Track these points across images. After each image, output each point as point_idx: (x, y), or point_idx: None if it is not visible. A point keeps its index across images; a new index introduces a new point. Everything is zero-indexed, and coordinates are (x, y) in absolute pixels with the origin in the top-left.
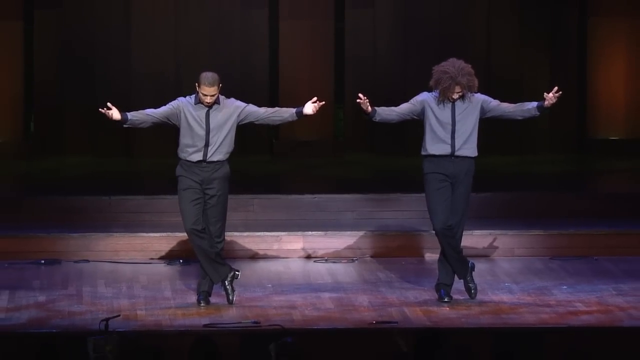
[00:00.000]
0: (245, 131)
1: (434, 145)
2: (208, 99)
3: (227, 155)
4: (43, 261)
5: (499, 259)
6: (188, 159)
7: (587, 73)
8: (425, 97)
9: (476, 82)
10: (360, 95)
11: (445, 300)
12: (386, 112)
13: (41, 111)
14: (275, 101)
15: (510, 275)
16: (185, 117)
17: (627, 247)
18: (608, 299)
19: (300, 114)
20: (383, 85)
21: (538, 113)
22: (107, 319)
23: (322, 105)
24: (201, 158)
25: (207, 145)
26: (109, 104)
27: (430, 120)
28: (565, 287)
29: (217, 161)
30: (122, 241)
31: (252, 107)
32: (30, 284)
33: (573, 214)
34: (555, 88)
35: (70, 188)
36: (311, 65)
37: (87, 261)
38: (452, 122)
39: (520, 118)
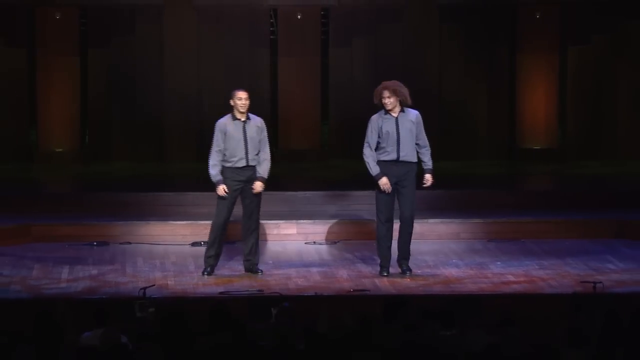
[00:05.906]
0: None
1: (383, 153)
2: (243, 101)
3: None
4: (95, 243)
5: (448, 241)
6: (235, 165)
7: (516, 97)
8: (375, 118)
9: (406, 91)
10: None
11: (406, 273)
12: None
13: (93, 126)
14: (275, 117)
15: (456, 254)
16: (229, 132)
17: (547, 232)
18: (532, 272)
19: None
20: (359, 106)
21: (424, 170)
22: (144, 288)
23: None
24: (245, 164)
25: (247, 153)
26: (224, 192)
27: (380, 133)
28: (499, 263)
29: (254, 165)
30: (156, 228)
31: (265, 139)
32: (85, 260)
33: (505, 206)
34: (430, 177)
35: (116, 186)
36: (302, 90)
37: (130, 243)
38: (396, 134)
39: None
